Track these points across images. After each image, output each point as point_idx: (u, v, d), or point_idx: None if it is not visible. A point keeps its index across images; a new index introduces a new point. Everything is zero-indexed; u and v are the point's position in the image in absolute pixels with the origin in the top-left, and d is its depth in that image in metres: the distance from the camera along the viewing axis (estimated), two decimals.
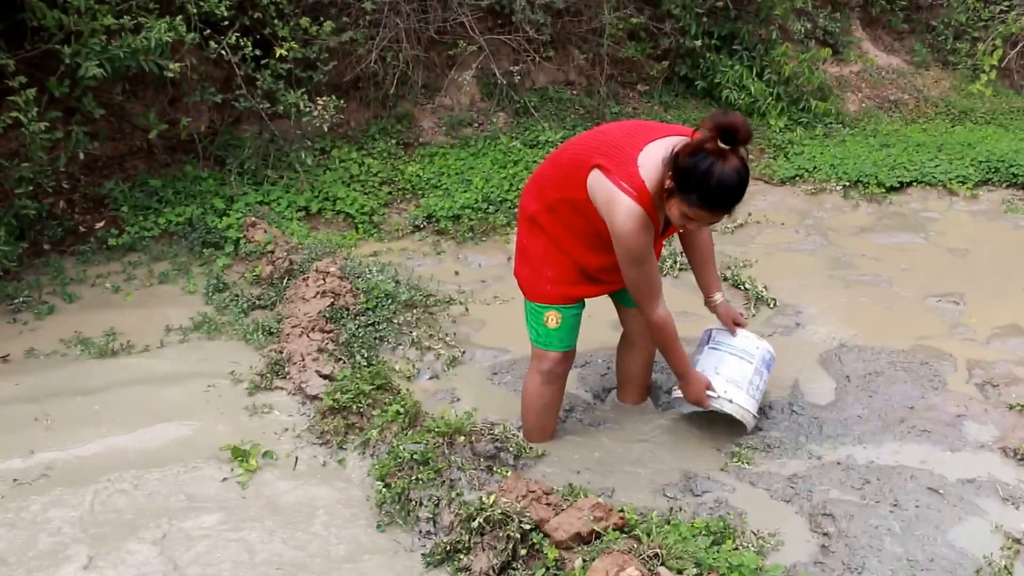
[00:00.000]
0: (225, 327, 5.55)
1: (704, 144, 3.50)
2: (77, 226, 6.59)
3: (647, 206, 3.68)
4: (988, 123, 9.94)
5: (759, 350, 4.52)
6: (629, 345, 4.73)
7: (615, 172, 3.70)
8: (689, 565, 3.28)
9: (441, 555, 3.62)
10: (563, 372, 4.41)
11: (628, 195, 3.66)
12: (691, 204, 3.60)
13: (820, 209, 7.86)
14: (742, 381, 4.40)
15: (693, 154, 3.52)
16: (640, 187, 3.66)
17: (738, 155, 3.53)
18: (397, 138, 8.07)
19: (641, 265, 3.83)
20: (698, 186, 3.53)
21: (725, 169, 3.49)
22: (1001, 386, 5.03)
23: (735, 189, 3.56)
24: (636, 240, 3.73)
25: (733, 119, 3.46)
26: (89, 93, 6.08)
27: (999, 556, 3.73)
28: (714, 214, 3.66)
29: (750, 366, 4.45)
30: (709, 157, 3.48)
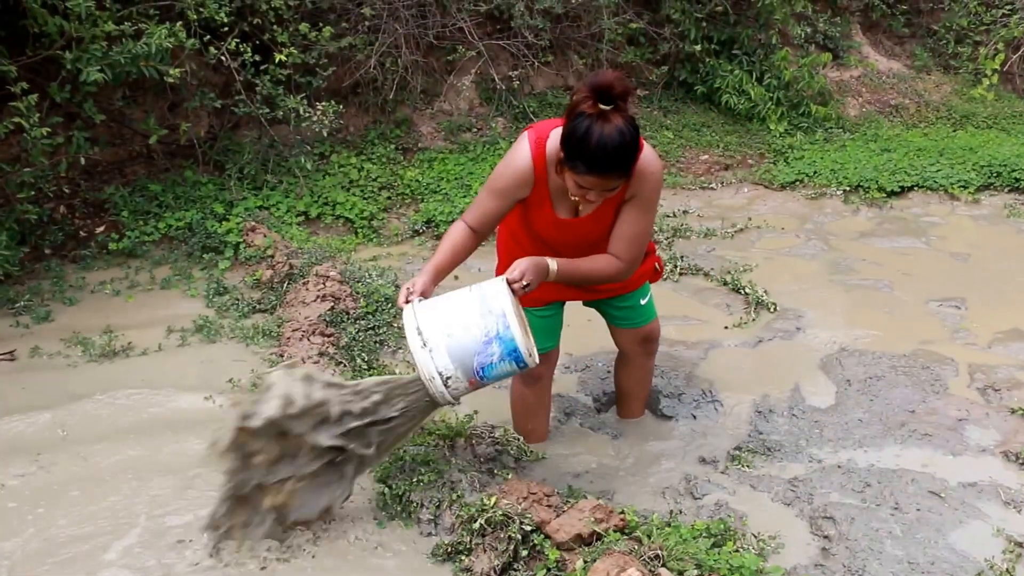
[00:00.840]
0: (226, 331, 5.58)
1: (581, 105, 3.33)
2: (78, 231, 6.63)
3: (537, 160, 3.61)
4: (990, 127, 10.00)
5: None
6: (623, 362, 4.69)
7: (533, 128, 3.67)
8: (690, 566, 3.30)
9: (443, 556, 3.64)
10: (543, 374, 4.35)
11: (528, 140, 3.62)
12: (579, 171, 3.41)
13: (820, 214, 7.90)
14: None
15: (571, 119, 3.35)
16: (541, 140, 3.61)
17: (621, 114, 3.33)
18: (396, 143, 8.12)
19: (487, 190, 3.75)
20: (580, 151, 3.34)
21: (605, 130, 3.29)
22: (1003, 390, 5.06)
23: (619, 149, 3.34)
24: (503, 169, 3.69)
25: (604, 77, 3.29)
26: (90, 99, 6.13)
27: (1001, 559, 3.74)
28: (605, 178, 3.42)
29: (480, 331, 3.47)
30: (587, 119, 3.30)
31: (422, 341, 3.42)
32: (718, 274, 6.53)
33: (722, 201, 8.21)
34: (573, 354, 5.27)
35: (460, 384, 3.48)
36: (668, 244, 7.10)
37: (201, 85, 7.01)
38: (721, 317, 5.96)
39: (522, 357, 3.46)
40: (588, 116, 3.30)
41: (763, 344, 5.62)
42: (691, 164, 8.73)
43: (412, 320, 3.46)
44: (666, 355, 5.37)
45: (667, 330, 5.58)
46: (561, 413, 4.79)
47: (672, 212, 7.76)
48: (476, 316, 3.44)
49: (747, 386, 5.13)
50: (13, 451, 4.37)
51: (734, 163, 8.80)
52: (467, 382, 3.48)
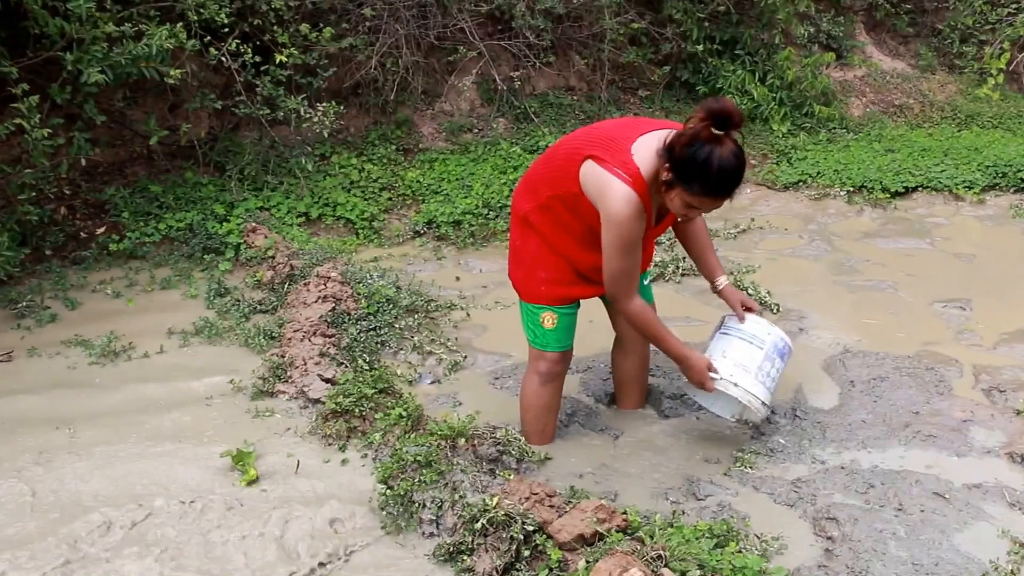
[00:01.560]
0: (227, 332, 5.61)
1: (699, 132, 3.52)
2: (78, 232, 6.66)
3: (641, 192, 3.70)
4: (995, 127, 9.97)
5: (771, 336, 4.40)
6: (622, 348, 4.75)
7: (609, 160, 3.73)
8: (692, 567, 3.31)
9: (444, 556, 3.66)
10: (560, 372, 4.44)
11: (622, 180, 3.68)
12: (694, 193, 3.62)
13: (824, 214, 7.91)
14: (750, 365, 4.28)
15: (690, 144, 3.53)
16: (635, 173, 3.69)
17: (732, 139, 3.55)
18: (397, 144, 8.14)
19: (628, 254, 3.85)
20: (700, 174, 3.54)
21: (724, 154, 3.51)
22: (1008, 392, 5.05)
23: (735, 173, 3.58)
24: (629, 226, 3.75)
25: (725, 105, 3.49)
26: (90, 100, 6.16)
27: (1006, 561, 3.73)
28: (716, 200, 3.68)
29: (760, 351, 4.33)
30: (707, 145, 3.50)
31: (768, 409, 4.37)
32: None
33: (725, 202, 8.17)
34: (575, 354, 5.28)
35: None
36: (671, 245, 7.10)
37: (201, 86, 7.05)
38: None
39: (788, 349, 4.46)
40: (707, 141, 3.51)
41: None
42: None
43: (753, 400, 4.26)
44: None
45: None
46: (563, 414, 4.79)
47: None
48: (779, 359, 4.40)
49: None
50: (14, 453, 4.41)
51: None
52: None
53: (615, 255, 3.85)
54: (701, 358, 4.21)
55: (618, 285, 3.95)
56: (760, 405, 4.27)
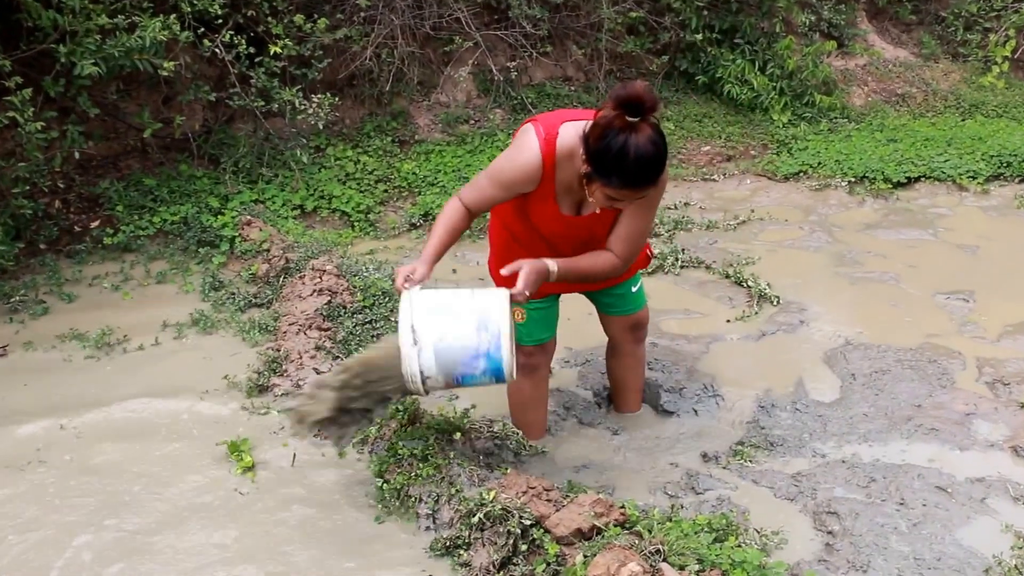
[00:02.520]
0: (222, 325, 5.62)
1: (611, 122, 3.35)
2: (72, 225, 6.66)
3: (547, 155, 3.62)
4: (1000, 116, 9.98)
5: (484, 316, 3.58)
6: (614, 352, 4.71)
7: (539, 121, 3.68)
8: (691, 561, 3.32)
9: (441, 550, 3.67)
10: (539, 364, 4.37)
11: (537, 134, 3.63)
12: (613, 186, 3.45)
13: (825, 205, 7.91)
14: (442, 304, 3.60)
15: (603, 135, 3.36)
16: (551, 136, 3.62)
17: (649, 124, 3.36)
18: (393, 135, 8.15)
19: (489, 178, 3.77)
20: (616, 166, 3.37)
21: (640, 142, 3.32)
22: (1012, 384, 5.06)
23: (654, 160, 3.39)
24: (508, 161, 3.71)
25: (633, 89, 3.30)
26: (84, 92, 6.16)
27: (1009, 556, 3.75)
28: (637, 191, 3.50)
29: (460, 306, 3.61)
30: (620, 134, 3.31)
31: (413, 339, 3.53)
32: (720, 267, 6.54)
33: (724, 193, 8.22)
34: (573, 348, 5.29)
35: (437, 384, 3.63)
36: (669, 237, 7.10)
37: (195, 78, 7.04)
38: (723, 310, 5.98)
39: (503, 376, 3.60)
40: (620, 130, 3.33)
41: (766, 338, 5.64)
42: (692, 155, 8.74)
43: (408, 313, 3.55)
44: (667, 349, 5.40)
45: (668, 324, 5.62)
46: (560, 407, 4.80)
47: (673, 204, 7.77)
48: (472, 329, 3.54)
49: (749, 380, 5.15)
50: (14, 445, 4.44)
51: (736, 154, 8.81)
52: (444, 384, 3.63)
53: (483, 174, 3.81)
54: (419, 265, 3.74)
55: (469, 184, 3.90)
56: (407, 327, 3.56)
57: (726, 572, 3.33)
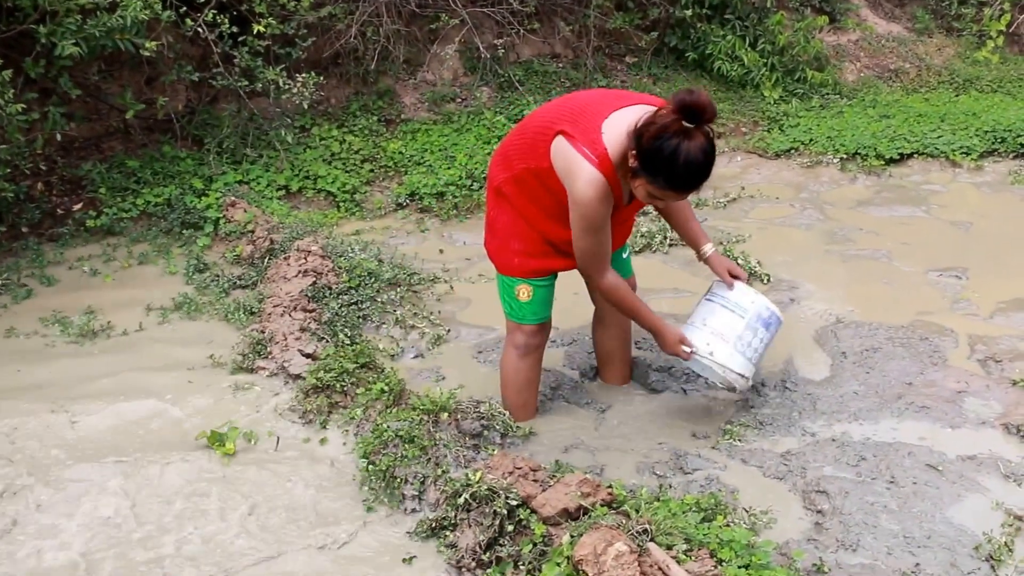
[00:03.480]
0: (206, 307, 5.62)
1: (669, 125, 3.47)
2: (55, 208, 6.66)
3: (608, 174, 3.69)
4: (994, 91, 9.96)
5: (754, 305, 4.36)
6: (602, 322, 4.75)
7: (578, 138, 3.72)
8: (679, 541, 3.34)
9: (427, 532, 3.68)
10: (539, 345, 4.44)
11: (589, 161, 3.68)
12: (658, 185, 3.61)
13: (816, 182, 7.91)
14: (730, 335, 4.29)
15: (657, 136, 3.49)
16: (602, 154, 3.68)
17: (703, 132, 3.50)
18: (378, 115, 8.14)
19: (595, 234, 3.86)
20: (665, 168, 3.52)
21: (691, 149, 3.46)
22: (1004, 362, 5.07)
23: (702, 169, 3.54)
24: (594, 208, 3.75)
25: (698, 98, 3.43)
26: (65, 73, 6.15)
27: (999, 533, 3.76)
28: (681, 193, 3.69)
29: (741, 320, 4.33)
30: (674, 138, 3.45)
31: (747, 382, 4.38)
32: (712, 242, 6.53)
33: (714, 170, 8.16)
34: (560, 328, 5.29)
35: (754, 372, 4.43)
36: (657, 216, 7.07)
37: (178, 58, 7.02)
38: None
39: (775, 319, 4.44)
40: (676, 134, 3.46)
41: None
42: None
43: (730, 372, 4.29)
44: None
45: (658, 302, 5.61)
46: (547, 388, 4.81)
47: None
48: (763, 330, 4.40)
49: None
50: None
51: (727, 131, 8.79)
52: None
53: (582, 235, 3.87)
54: (674, 330, 4.24)
55: (589, 263, 3.98)
56: (737, 376, 4.29)
57: (714, 551, 3.34)
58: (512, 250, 4.19)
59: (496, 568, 3.49)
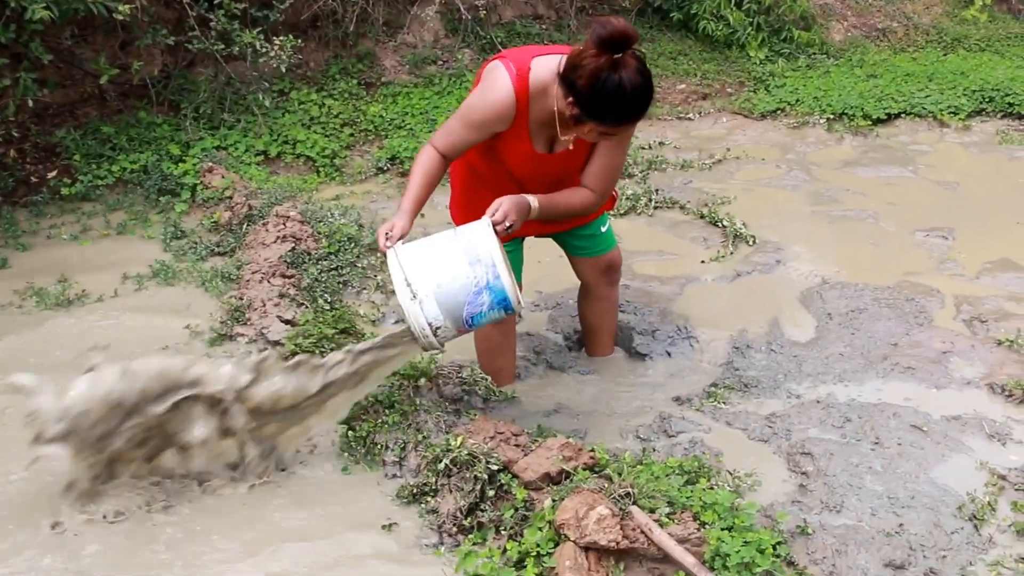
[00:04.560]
0: (183, 274, 5.59)
1: (601, 65, 3.37)
2: (29, 176, 6.61)
3: (520, 91, 3.65)
4: (983, 50, 9.96)
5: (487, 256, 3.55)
6: (587, 296, 4.72)
7: (508, 57, 3.71)
8: (661, 504, 3.35)
9: (408, 498, 3.69)
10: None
11: (508, 71, 3.65)
12: (609, 124, 3.53)
13: (803, 143, 7.92)
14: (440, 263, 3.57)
15: (594, 78, 3.38)
16: (521, 70, 3.64)
17: (632, 56, 3.40)
18: (358, 78, 8.09)
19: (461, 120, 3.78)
20: (613, 104, 3.43)
21: (631, 77, 3.38)
22: (990, 321, 5.09)
23: (646, 91, 3.45)
24: (480, 100, 3.72)
25: (613, 27, 3.33)
26: (36, 38, 6.05)
27: (983, 493, 3.79)
28: (633, 123, 3.62)
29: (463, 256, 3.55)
30: (611, 73, 3.36)
31: (411, 293, 3.53)
32: (695, 207, 6.54)
33: (700, 132, 8.22)
34: (543, 291, 5.30)
35: (449, 333, 3.61)
36: (643, 177, 7.11)
37: (153, 22, 6.94)
38: (697, 251, 5.99)
39: (511, 305, 3.60)
40: (611, 71, 3.37)
41: (741, 278, 5.66)
42: (667, 94, 8.71)
43: (398, 269, 3.56)
44: (640, 291, 5.41)
45: (642, 265, 5.62)
46: (531, 352, 4.81)
47: (647, 144, 7.77)
48: (464, 265, 3.53)
49: (724, 321, 5.17)
50: None
51: (712, 92, 8.78)
52: (455, 331, 3.62)
53: (454, 116, 3.81)
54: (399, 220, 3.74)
55: (440, 129, 3.88)
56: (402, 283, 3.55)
57: (697, 514, 3.36)
58: (465, 213, 4.12)
59: (478, 533, 3.49)
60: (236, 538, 3.57)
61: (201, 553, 3.50)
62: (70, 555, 3.47)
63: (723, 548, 3.19)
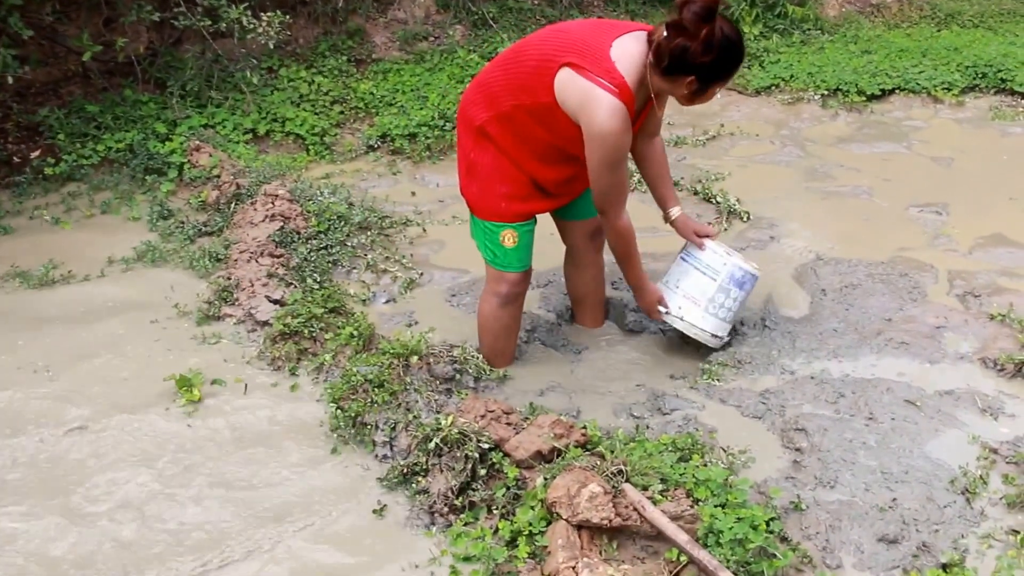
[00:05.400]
0: (170, 255, 5.57)
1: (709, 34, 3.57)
2: (11, 156, 6.58)
3: (628, 103, 3.66)
4: (976, 26, 9.99)
5: (727, 267, 4.46)
6: (575, 262, 4.72)
7: (590, 69, 3.64)
8: (654, 481, 3.36)
9: (398, 478, 3.68)
10: (522, 292, 4.40)
11: (609, 92, 3.61)
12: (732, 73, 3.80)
13: (797, 119, 7.91)
14: (700, 298, 4.46)
15: (707, 47, 3.59)
16: (621, 83, 3.63)
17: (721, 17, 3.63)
18: (348, 55, 8.07)
19: (617, 168, 3.80)
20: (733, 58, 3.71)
21: (730, 29, 3.67)
22: (983, 296, 5.11)
23: (740, 31, 3.78)
24: (617, 139, 3.70)
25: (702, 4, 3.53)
26: (15, 12, 6.02)
27: (975, 467, 3.82)
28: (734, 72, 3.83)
29: (713, 283, 4.45)
30: (720, 38, 3.59)
31: (718, 340, 4.62)
32: (688, 183, 6.54)
33: (693, 108, 8.12)
34: (535, 269, 5.27)
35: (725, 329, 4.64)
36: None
37: None
38: None
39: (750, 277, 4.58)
40: (715, 36, 3.60)
41: None
42: None
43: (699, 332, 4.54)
44: None
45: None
46: (523, 330, 4.78)
47: None
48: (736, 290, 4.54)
49: None
50: None
51: None
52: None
53: (604, 170, 3.81)
54: (654, 290, 4.47)
55: (609, 200, 3.94)
56: (708, 336, 4.55)
57: (690, 491, 3.37)
58: (498, 194, 4.11)
59: (469, 513, 3.51)
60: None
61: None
62: None
63: (716, 525, 3.21)
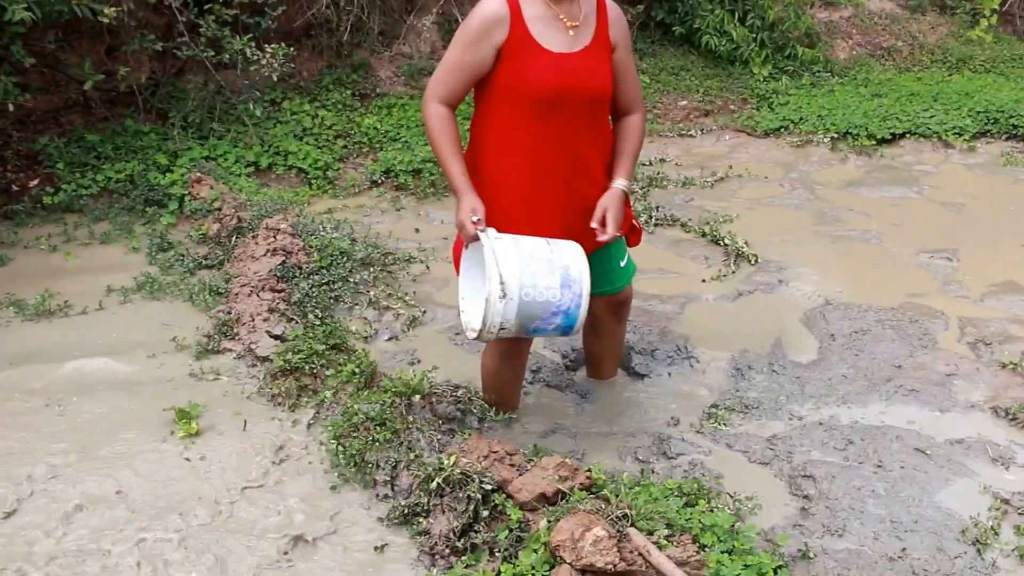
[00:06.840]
0: (170, 288, 5.58)
1: None
2: (10, 185, 6.60)
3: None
4: (987, 71, 10.03)
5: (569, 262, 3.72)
6: (593, 330, 4.62)
7: None
8: (660, 526, 3.36)
9: (399, 518, 3.67)
10: (523, 350, 4.32)
11: None
12: None
13: (806, 162, 7.95)
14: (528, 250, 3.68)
15: None
16: None
17: None
18: (353, 88, 8.12)
19: (453, 45, 3.76)
20: None
21: None
22: (994, 344, 5.13)
23: None
24: (472, 19, 3.71)
25: None
26: (18, 40, 6.06)
27: (986, 517, 3.82)
28: None
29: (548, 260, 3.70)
30: None
31: (502, 291, 3.58)
32: (696, 225, 6.58)
33: (702, 149, 8.25)
34: None
35: (508, 334, 3.74)
36: (644, 194, 7.13)
37: (140, 26, 6.95)
38: (699, 270, 6.02)
39: (573, 332, 3.82)
40: None
41: (743, 297, 5.69)
42: (669, 110, 8.76)
43: (494, 265, 3.57)
44: (640, 310, 5.41)
45: (641, 284, 5.63)
46: (528, 371, 4.80)
47: (649, 160, 7.79)
48: (556, 285, 3.66)
49: (725, 341, 5.18)
50: None
51: (715, 109, 8.83)
52: (513, 334, 3.76)
53: (446, 53, 3.80)
54: (473, 199, 3.75)
55: (435, 76, 3.84)
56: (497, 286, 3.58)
57: (696, 536, 3.37)
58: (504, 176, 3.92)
59: (471, 555, 3.50)
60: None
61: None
62: None
63: (723, 571, 3.21)
